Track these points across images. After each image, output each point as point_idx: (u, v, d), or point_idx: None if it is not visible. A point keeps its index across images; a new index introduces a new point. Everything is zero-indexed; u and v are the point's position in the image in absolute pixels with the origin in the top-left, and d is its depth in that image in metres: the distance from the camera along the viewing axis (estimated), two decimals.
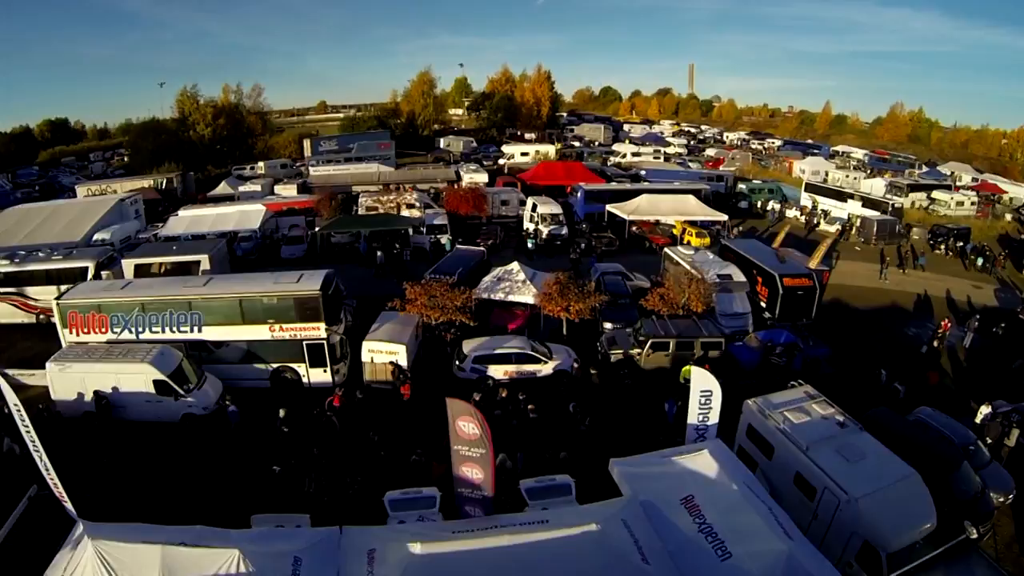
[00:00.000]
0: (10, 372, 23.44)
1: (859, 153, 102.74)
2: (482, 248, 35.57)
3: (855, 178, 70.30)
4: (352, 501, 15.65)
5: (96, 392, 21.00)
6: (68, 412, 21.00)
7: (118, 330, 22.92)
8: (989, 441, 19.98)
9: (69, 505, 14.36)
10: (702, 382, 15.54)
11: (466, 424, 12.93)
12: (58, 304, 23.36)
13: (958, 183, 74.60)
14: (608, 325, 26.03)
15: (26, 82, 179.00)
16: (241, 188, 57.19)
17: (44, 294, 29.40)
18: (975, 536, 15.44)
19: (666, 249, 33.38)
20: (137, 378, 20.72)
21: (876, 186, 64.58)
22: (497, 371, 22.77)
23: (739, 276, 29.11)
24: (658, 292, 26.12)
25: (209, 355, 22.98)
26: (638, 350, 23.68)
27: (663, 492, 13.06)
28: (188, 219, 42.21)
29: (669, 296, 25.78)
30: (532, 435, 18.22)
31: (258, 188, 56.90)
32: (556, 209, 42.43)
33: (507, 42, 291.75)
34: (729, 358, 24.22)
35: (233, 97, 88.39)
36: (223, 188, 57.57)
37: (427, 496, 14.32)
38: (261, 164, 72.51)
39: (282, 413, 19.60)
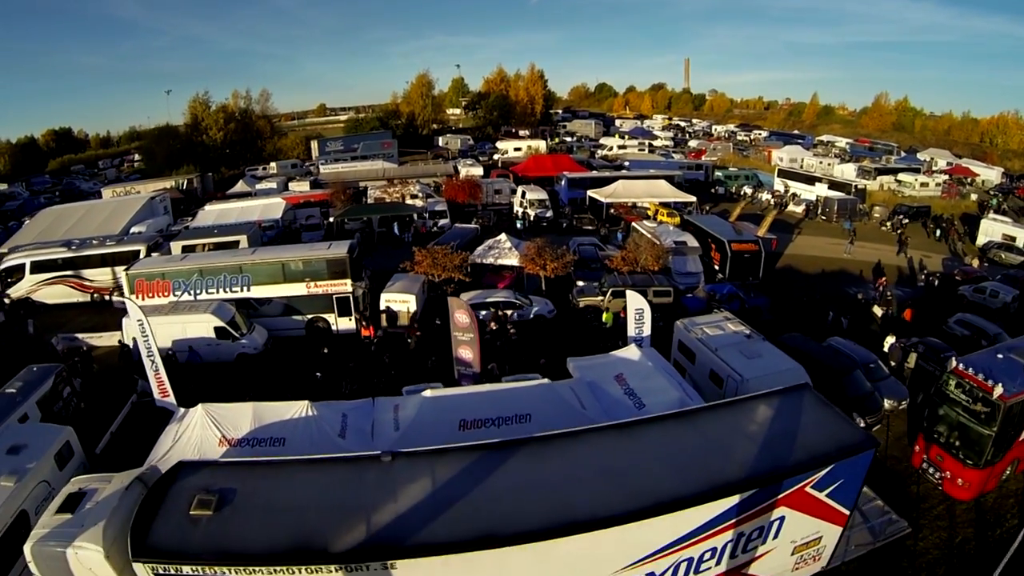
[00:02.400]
0: (80, 336, 28.70)
1: (842, 142, 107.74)
2: (476, 226, 41.00)
3: (829, 164, 75.30)
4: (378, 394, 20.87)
5: (120, 342, 26.36)
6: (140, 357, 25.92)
7: (179, 293, 27.96)
8: (893, 364, 25.17)
9: (172, 398, 19.60)
10: (635, 303, 20.87)
11: (461, 316, 18.46)
12: (127, 273, 28.39)
13: (934, 168, 79.80)
14: (580, 283, 31.32)
15: (24, 92, 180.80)
16: (257, 186, 62.13)
17: (98, 275, 34.31)
18: (863, 427, 20.61)
19: (633, 224, 38.76)
20: (200, 326, 25.85)
21: (847, 171, 69.78)
22: (487, 318, 27.91)
23: (693, 242, 34.48)
24: (620, 254, 31.51)
25: (255, 311, 28.12)
26: (601, 298, 29.08)
27: (601, 373, 18.37)
28: (216, 212, 47.08)
29: (629, 257, 31.17)
30: (513, 351, 23.65)
31: (273, 185, 61.83)
32: (542, 195, 48.06)
33: (502, 41, 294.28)
34: (680, 306, 29.46)
35: (242, 103, 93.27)
36: (241, 186, 62.76)
37: (434, 387, 19.42)
38: (273, 164, 77.67)
39: (380, 333, 26.32)
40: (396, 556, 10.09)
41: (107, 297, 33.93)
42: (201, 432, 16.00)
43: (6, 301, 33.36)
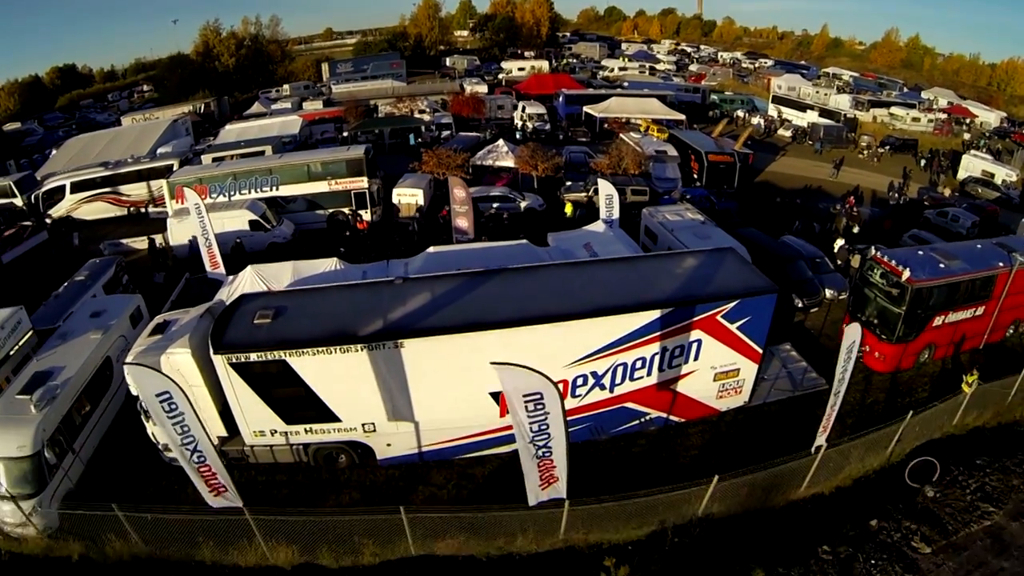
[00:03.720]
0: (124, 241, 31.92)
1: (847, 75, 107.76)
2: (479, 135, 44.80)
3: (825, 94, 76.73)
4: None
5: (149, 237, 30.05)
6: (181, 253, 29.41)
7: (215, 195, 31.49)
8: (839, 263, 28.73)
9: (222, 269, 23.83)
10: (606, 190, 24.77)
11: (459, 191, 22.83)
12: (168, 182, 31.70)
13: (934, 106, 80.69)
14: (568, 183, 35.26)
15: (22, 31, 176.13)
16: (273, 107, 64.98)
17: (135, 190, 36.83)
18: (800, 306, 24.47)
19: (620, 134, 42.22)
20: (237, 220, 29.48)
21: (842, 101, 71.22)
22: (486, 208, 31.90)
23: (672, 151, 38.03)
24: (606, 160, 35.24)
25: (282, 208, 31.96)
26: (584, 194, 33.18)
27: (573, 243, 22.55)
28: (237, 130, 49.91)
29: (612, 161, 34.85)
30: (505, 234, 27.93)
31: (288, 106, 64.69)
32: (541, 109, 51.77)
33: None
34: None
35: (252, 28, 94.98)
36: (257, 108, 65.71)
37: None
38: (286, 87, 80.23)
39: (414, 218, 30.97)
40: (402, 337, 14.44)
41: (143, 210, 36.66)
42: (251, 287, 20.07)
43: (48, 221, 35.83)
